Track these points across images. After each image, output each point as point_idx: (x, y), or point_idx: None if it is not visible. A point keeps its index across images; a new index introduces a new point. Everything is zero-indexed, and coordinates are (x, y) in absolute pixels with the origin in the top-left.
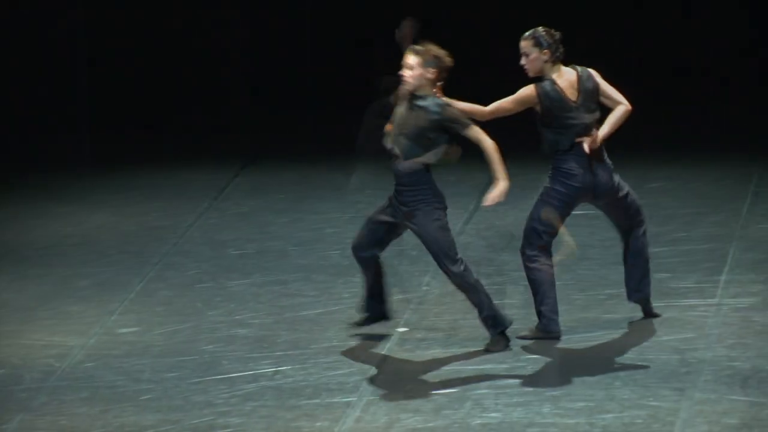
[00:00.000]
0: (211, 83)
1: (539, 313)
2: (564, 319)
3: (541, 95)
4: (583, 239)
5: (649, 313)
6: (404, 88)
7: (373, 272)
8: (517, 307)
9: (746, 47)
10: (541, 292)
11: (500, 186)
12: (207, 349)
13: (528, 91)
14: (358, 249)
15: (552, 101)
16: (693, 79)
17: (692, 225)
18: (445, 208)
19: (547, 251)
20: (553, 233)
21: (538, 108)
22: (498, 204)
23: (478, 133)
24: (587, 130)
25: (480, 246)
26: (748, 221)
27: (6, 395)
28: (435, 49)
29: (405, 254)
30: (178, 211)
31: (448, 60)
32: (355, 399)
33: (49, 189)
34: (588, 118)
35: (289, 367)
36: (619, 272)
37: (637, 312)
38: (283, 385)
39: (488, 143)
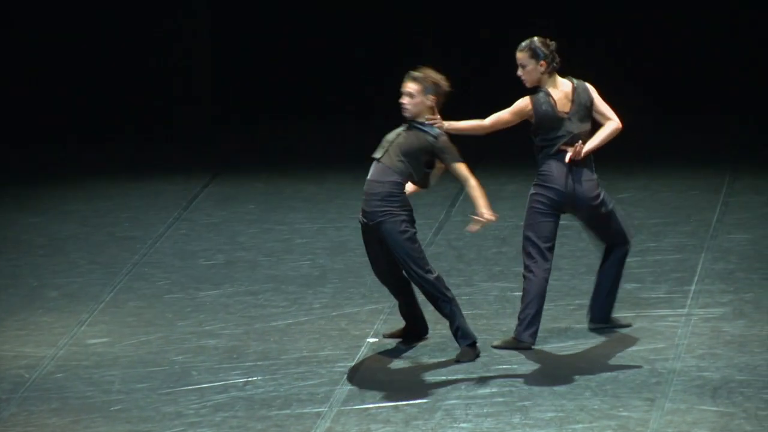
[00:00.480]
0: (180, 93)
1: (518, 320)
2: None
3: (535, 106)
4: (555, 250)
5: (616, 324)
6: (404, 115)
7: (401, 295)
8: (486, 317)
9: (719, 56)
10: (525, 301)
11: (484, 218)
12: (177, 359)
13: (523, 102)
14: (380, 281)
15: (544, 113)
16: (663, 89)
17: (662, 235)
18: (413, 221)
19: (543, 259)
20: (547, 239)
21: (531, 119)
22: (467, 216)
23: (464, 171)
24: (575, 139)
25: (450, 256)
26: (718, 231)
27: None
28: (433, 75)
29: None
30: (147, 222)
31: (446, 85)
32: (326, 410)
33: (19, 199)
34: (577, 128)
35: (259, 378)
36: (589, 282)
37: (606, 322)
38: (253, 395)
39: (472, 182)
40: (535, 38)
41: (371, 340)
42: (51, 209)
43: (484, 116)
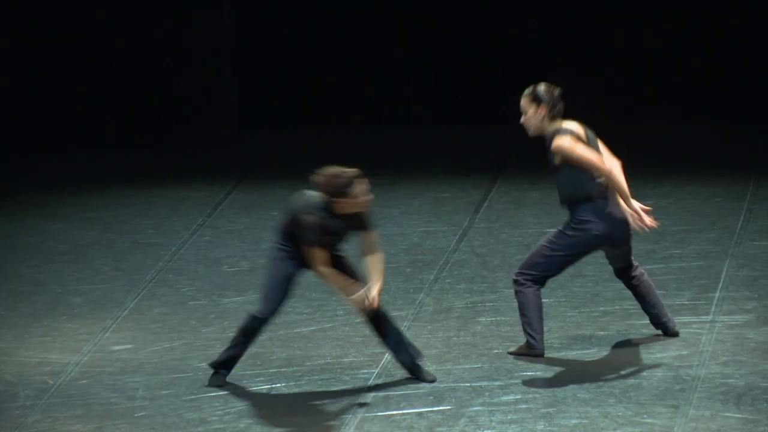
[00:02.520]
0: (203, 99)
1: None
2: (558, 335)
3: (579, 135)
4: None
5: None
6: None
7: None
8: (510, 324)
9: (742, 62)
10: (526, 314)
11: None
12: (201, 366)
13: (570, 139)
14: None
15: (589, 139)
16: (686, 95)
17: (686, 242)
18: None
19: (539, 283)
20: (552, 275)
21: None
22: (491, 222)
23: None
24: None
25: (474, 263)
26: (742, 238)
27: (0, 412)
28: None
29: (400, 271)
30: (171, 229)
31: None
32: (350, 416)
33: (42, 206)
34: None
35: (283, 385)
36: (612, 289)
37: (630, 329)
38: (277, 402)
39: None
40: (541, 84)
41: None
42: (74, 216)
43: None
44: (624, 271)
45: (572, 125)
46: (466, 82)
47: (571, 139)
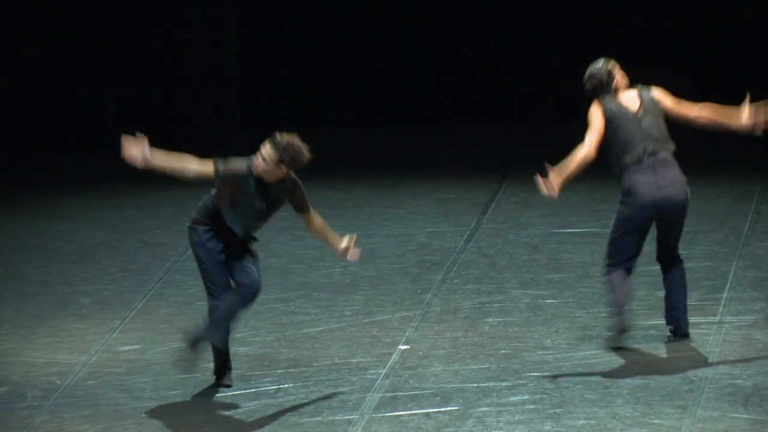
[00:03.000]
0: (209, 100)
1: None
2: (565, 336)
3: (605, 108)
4: (585, 257)
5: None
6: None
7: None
8: (517, 324)
9: (751, 61)
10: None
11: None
12: (208, 366)
13: (594, 108)
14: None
15: (613, 112)
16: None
17: (693, 243)
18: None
19: (620, 267)
20: (627, 257)
21: (601, 124)
22: (498, 223)
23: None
24: (655, 143)
25: (482, 264)
26: (750, 239)
27: (8, 413)
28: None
29: (407, 271)
30: (178, 229)
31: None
32: (357, 417)
33: (49, 207)
34: (654, 132)
35: (290, 385)
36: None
37: (638, 330)
38: (284, 402)
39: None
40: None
41: (402, 347)
42: (80, 216)
43: None
44: (666, 259)
45: (626, 94)
46: (469, 82)
47: (593, 107)
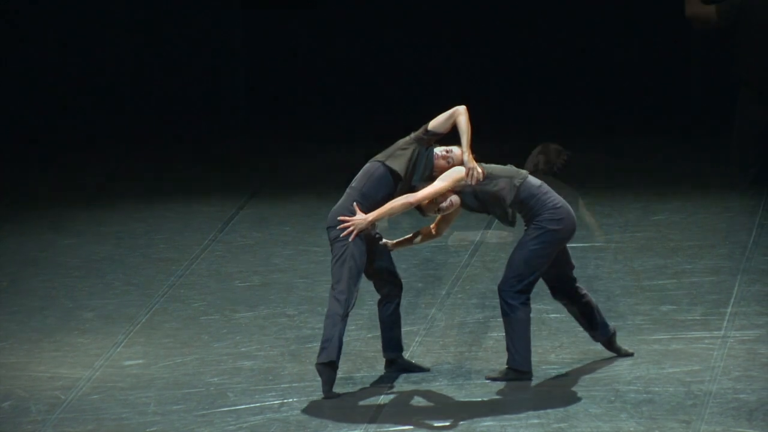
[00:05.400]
0: (215, 114)
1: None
2: (569, 351)
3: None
4: (589, 271)
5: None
6: None
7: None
8: None
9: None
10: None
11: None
12: (213, 381)
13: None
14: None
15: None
16: (696, 110)
17: (697, 257)
18: None
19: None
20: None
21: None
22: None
23: None
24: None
25: (486, 278)
26: (754, 253)
27: (12, 427)
28: None
29: (411, 286)
30: (183, 243)
31: None
32: (361, 431)
33: (54, 220)
34: None
35: (295, 400)
36: (624, 304)
37: (642, 345)
38: (289, 417)
39: None
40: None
41: None
42: (86, 231)
43: None
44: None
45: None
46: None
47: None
